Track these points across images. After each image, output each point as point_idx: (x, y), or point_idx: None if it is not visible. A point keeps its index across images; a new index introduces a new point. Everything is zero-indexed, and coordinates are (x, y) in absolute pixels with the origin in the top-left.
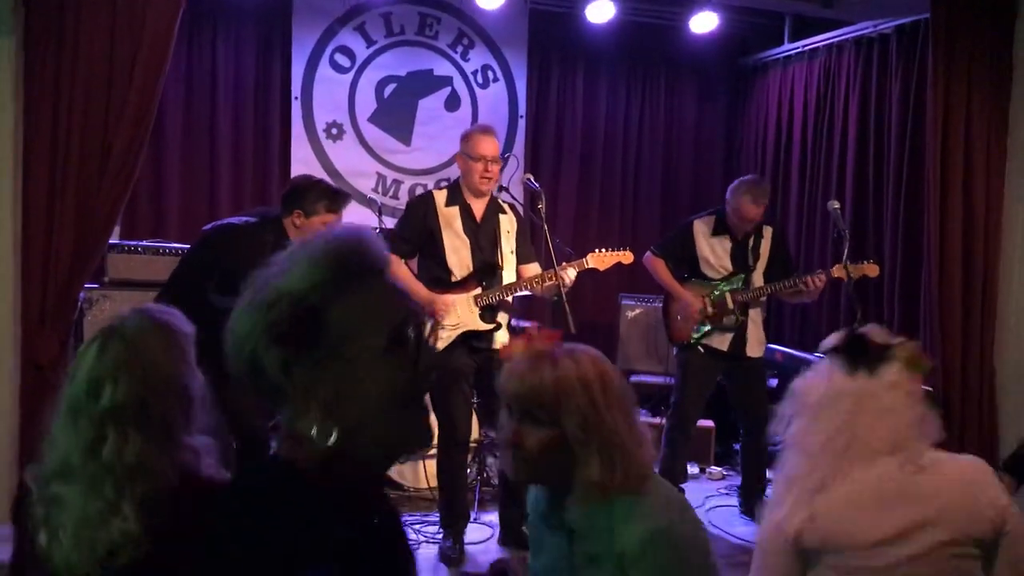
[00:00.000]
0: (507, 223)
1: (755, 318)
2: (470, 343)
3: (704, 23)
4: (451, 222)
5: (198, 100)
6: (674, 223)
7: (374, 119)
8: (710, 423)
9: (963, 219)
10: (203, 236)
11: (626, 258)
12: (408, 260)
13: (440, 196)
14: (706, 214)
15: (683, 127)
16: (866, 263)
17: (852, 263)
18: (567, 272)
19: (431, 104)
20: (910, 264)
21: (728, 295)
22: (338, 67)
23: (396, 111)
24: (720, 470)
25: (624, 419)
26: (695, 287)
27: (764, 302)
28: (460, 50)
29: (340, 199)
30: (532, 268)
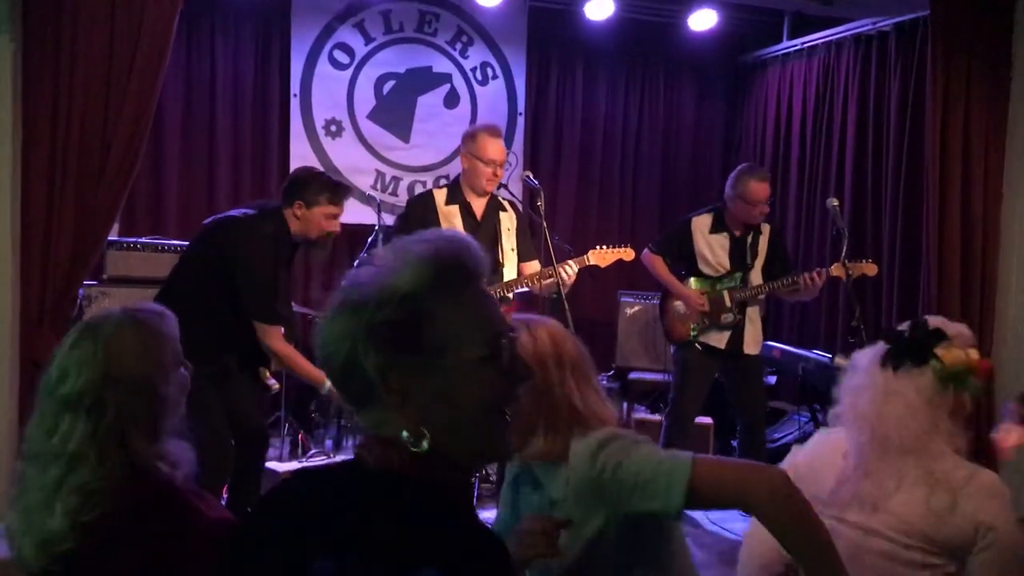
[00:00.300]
0: (507, 220)
1: (753, 316)
2: None
3: (703, 20)
4: (451, 220)
5: (197, 97)
6: (673, 220)
7: (373, 116)
8: (708, 420)
9: (961, 216)
10: (202, 230)
11: (627, 255)
12: None
13: (440, 195)
14: (705, 211)
15: (682, 124)
16: (865, 262)
17: (851, 262)
18: (567, 268)
19: (430, 101)
20: (908, 261)
21: (726, 293)
22: (337, 64)
23: (395, 108)
24: None
25: (579, 387)
26: (692, 285)
27: (762, 300)
28: (459, 47)
29: (342, 191)
30: (532, 265)
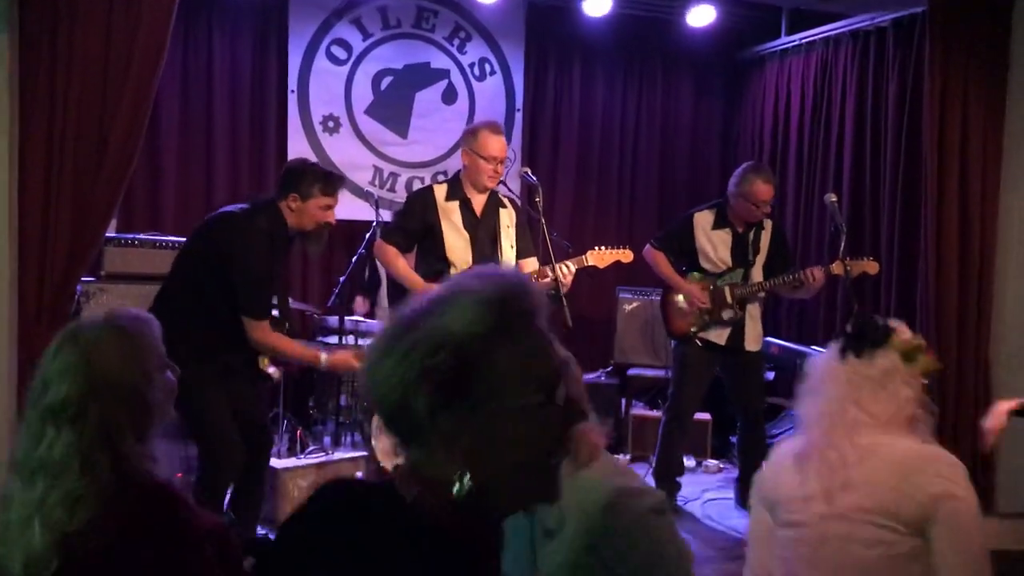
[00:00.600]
0: (507, 217)
1: (753, 313)
2: None
3: (701, 16)
4: (451, 216)
5: (194, 94)
6: (671, 216)
7: (371, 112)
8: (707, 416)
9: (959, 212)
10: (198, 227)
11: (625, 256)
12: (406, 254)
13: (440, 190)
14: (707, 207)
15: (680, 120)
16: (866, 260)
17: (852, 259)
18: (563, 268)
19: (428, 97)
20: (906, 257)
21: (727, 289)
22: (335, 60)
23: (393, 104)
24: (717, 463)
25: None
26: (693, 281)
27: (762, 297)
28: (457, 43)
29: (335, 182)
30: (530, 263)
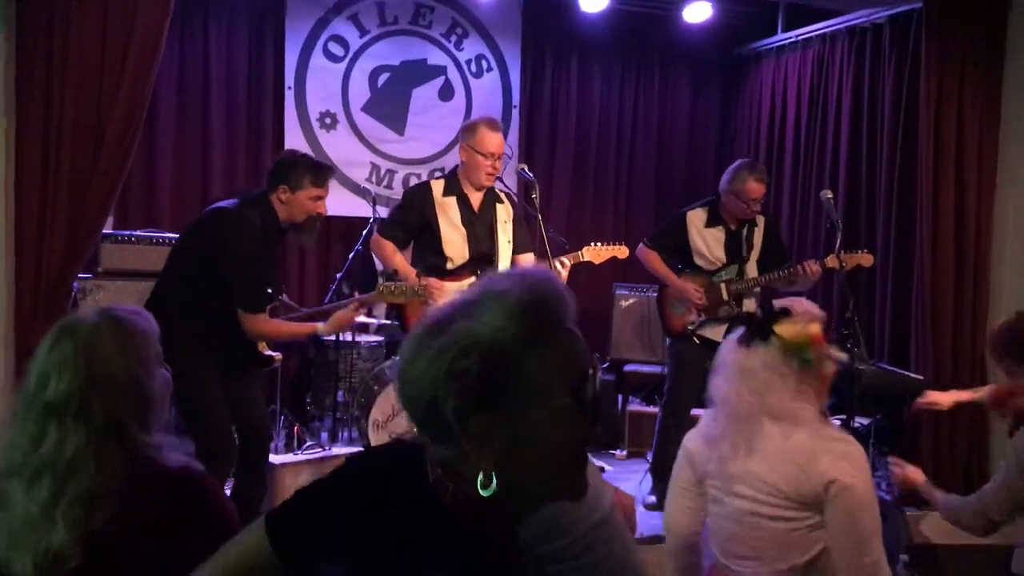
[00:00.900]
0: (503, 213)
1: (750, 309)
2: None
3: (697, 13)
4: (448, 212)
5: (191, 90)
6: (668, 212)
7: (368, 109)
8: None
9: (955, 208)
10: (191, 224)
11: (621, 253)
12: (403, 249)
13: (437, 186)
14: (699, 205)
15: (677, 117)
16: (861, 252)
17: (846, 253)
18: (559, 264)
19: (425, 94)
20: (902, 253)
21: (723, 286)
22: (331, 56)
23: (390, 101)
24: None
25: None
26: (689, 278)
27: (759, 292)
28: (454, 39)
29: (324, 172)
30: (527, 258)
